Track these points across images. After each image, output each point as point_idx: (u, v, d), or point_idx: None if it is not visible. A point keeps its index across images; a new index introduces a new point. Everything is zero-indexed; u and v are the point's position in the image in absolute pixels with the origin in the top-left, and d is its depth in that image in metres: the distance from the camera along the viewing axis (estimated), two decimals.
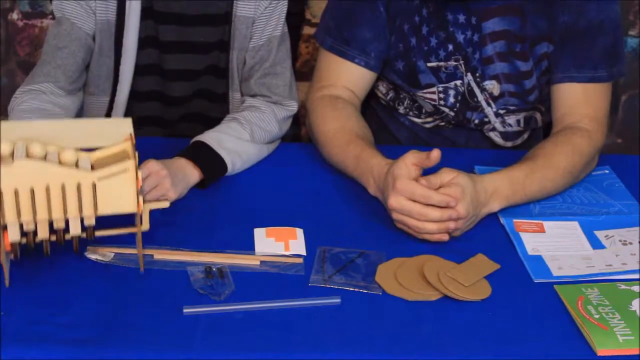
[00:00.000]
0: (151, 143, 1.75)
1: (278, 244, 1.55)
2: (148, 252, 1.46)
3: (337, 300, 1.42)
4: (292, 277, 1.47)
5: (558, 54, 1.83)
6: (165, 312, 1.37)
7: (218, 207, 1.64)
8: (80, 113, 1.82)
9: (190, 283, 1.43)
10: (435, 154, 1.54)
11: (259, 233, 1.57)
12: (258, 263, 1.50)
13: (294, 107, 1.85)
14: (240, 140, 1.73)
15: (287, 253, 1.53)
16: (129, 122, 1.41)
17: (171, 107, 1.92)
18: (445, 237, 1.55)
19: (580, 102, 1.82)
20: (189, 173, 1.63)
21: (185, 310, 1.37)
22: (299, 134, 2.15)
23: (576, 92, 1.82)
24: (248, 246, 1.54)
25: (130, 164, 1.33)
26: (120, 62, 1.79)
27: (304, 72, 2.33)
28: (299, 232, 1.58)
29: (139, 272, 1.44)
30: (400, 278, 1.47)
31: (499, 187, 1.63)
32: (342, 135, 1.75)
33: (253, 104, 1.82)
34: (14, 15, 2.37)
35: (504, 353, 1.34)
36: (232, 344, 1.32)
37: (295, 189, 1.72)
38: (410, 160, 1.56)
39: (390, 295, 1.45)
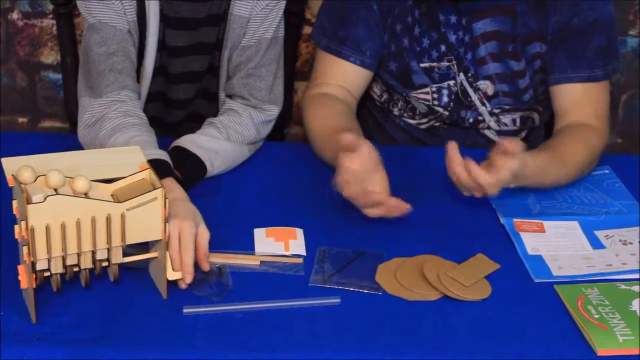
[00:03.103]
0: None
1: (278, 244, 1.55)
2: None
3: (337, 300, 1.42)
4: (292, 277, 1.47)
5: (553, 54, 1.83)
6: (165, 312, 1.37)
7: (218, 207, 1.64)
8: None
9: (190, 285, 1.43)
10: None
11: (259, 233, 1.57)
12: (258, 263, 1.50)
13: (273, 111, 1.83)
14: (216, 139, 1.73)
15: (287, 253, 1.53)
16: (138, 150, 1.42)
17: (173, 110, 1.92)
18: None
19: (583, 101, 1.82)
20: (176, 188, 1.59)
21: (185, 310, 1.37)
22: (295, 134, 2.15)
23: (576, 92, 1.82)
24: (248, 246, 1.54)
25: (159, 192, 1.34)
26: (142, 65, 1.79)
27: (304, 72, 2.33)
28: (299, 232, 1.58)
29: (139, 272, 1.44)
30: (400, 278, 1.47)
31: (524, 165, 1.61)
32: (327, 130, 1.75)
33: (231, 107, 1.80)
34: (14, 15, 2.36)
35: (504, 353, 1.34)
36: (232, 344, 1.32)
37: (295, 189, 1.72)
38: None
39: (390, 295, 1.45)
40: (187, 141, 1.70)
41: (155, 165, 1.49)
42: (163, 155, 1.59)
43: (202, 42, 1.83)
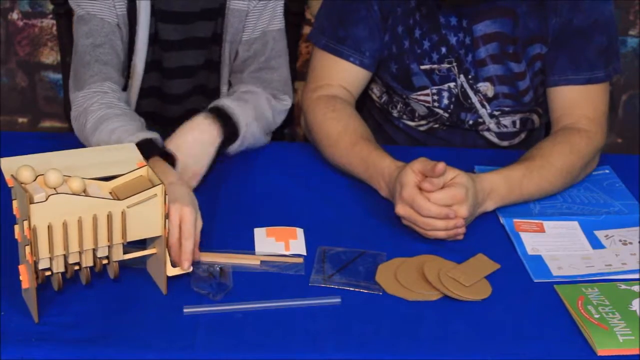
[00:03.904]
0: None
1: (278, 244, 1.55)
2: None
3: (337, 300, 1.42)
4: (292, 277, 1.48)
5: (553, 56, 1.82)
6: (165, 312, 1.37)
7: (218, 207, 1.64)
8: None
9: (190, 283, 1.43)
10: (440, 167, 1.54)
11: (259, 233, 1.57)
12: (258, 263, 1.50)
13: (287, 102, 1.84)
14: (253, 110, 1.74)
15: (287, 253, 1.53)
16: (133, 147, 1.42)
17: (169, 105, 1.92)
18: (459, 237, 1.58)
19: (578, 103, 1.82)
20: (205, 129, 1.62)
21: (185, 310, 1.37)
22: (295, 134, 2.15)
23: (574, 94, 1.82)
24: (248, 246, 1.54)
25: (159, 189, 1.34)
26: (132, 59, 1.79)
27: (304, 72, 2.33)
28: (299, 232, 1.58)
29: (139, 272, 1.44)
30: (400, 278, 1.47)
31: (495, 187, 1.63)
32: (346, 136, 1.75)
33: (249, 89, 1.81)
34: (14, 15, 2.37)
35: (504, 353, 1.34)
36: (232, 344, 1.32)
37: (295, 189, 1.72)
38: (417, 168, 1.57)
39: (390, 295, 1.45)
40: (227, 101, 1.71)
41: (142, 145, 1.49)
42: (149, 134, 1.57)
43: (196, 36, 1.83)
